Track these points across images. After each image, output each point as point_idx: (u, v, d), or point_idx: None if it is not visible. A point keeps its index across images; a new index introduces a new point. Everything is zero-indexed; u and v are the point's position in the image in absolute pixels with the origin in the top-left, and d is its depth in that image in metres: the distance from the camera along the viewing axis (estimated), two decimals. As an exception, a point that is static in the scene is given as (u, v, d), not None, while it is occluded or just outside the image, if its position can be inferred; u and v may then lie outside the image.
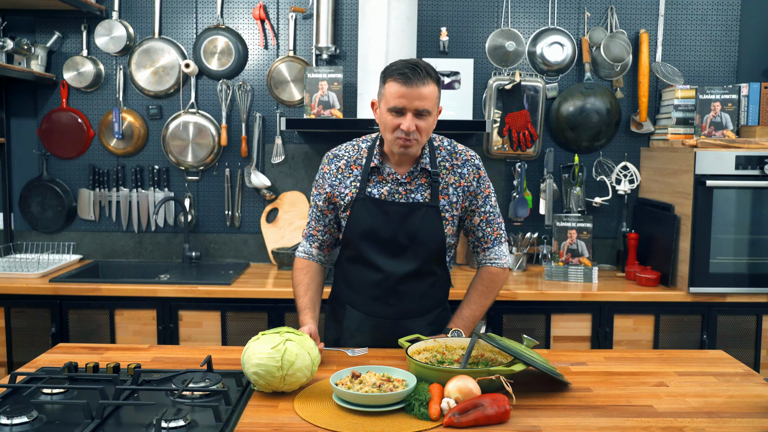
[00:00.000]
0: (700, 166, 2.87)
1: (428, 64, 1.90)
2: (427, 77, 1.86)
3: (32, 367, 1.87)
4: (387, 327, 2.06)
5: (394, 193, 2.00)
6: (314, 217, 2.12)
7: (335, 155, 2.08)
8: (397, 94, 1.85)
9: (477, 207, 2.06)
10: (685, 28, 3.43)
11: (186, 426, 1.46)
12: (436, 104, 1.91)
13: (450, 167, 2.03)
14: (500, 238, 2.11)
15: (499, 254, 2.11)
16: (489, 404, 1.50)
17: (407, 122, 1.86)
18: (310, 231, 2.13)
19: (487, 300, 2.11)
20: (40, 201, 3.45)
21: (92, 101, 3.46)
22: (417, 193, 2.00)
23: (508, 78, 3.35)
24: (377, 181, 2.01)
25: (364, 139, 2.09)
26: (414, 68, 1.84)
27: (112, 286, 2.92)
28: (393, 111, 1.88)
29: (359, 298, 2.08)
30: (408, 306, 2.05)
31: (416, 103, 1.85)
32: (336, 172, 2.05)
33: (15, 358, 2.96)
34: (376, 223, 1.99)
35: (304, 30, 3.41)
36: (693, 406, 1.64)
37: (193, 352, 2.03)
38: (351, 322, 2.10)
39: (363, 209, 2.00)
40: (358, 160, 2.04)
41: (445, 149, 2.05)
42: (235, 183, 3.48)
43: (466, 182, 2.03)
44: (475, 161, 2.06)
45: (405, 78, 1.84)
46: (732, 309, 2.94)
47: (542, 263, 3.39)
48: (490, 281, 2.11)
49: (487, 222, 2.08)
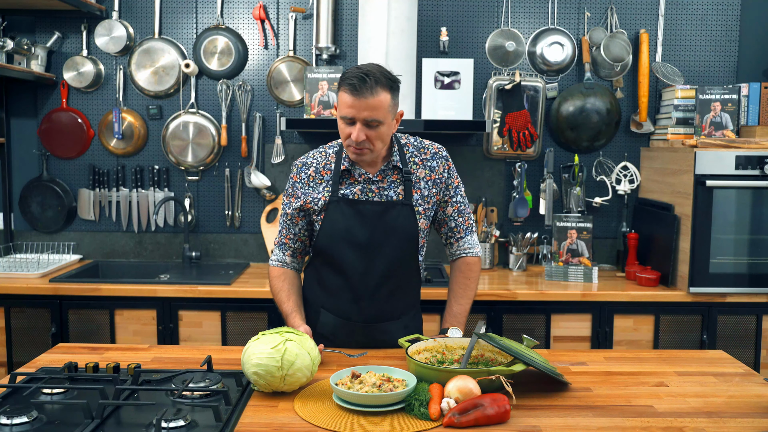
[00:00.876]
0: (700, 166, 2.87)
1: (381, 72, 1.88)
2: (377, 86, 1.84)
3: (32, 367, 1.87)
4: (362, 330, 2.06)
5: (367, 192, 2.01)
6: (285, 225, 2.11)
7: (303, 163, 2.08)
8: (346, 104, 1.87)
9: (449, 197, 2.10)
10: (685, 28, 3.43)
11: (186, 426, 1.46)
12: (389, 112, 1.89)
13: (420, 162, 2.05)
14: (471, 227, 2.16)
15: (473, 243, 2.16)
16: (489, 404, 1.50)
17: (356, 132, 1.87)
18: (282, 239, 2.12)
19: (471, 291, 2.14)
20: (40, 201, 3.45)
21: (92, 101, 3.46)
22: (390, 190, 2.01)
23: (508, 78, 3.35)
24: (349, 182, 2.02)
25: (330, 145, 2.10)
26: (363, 78, 1.83)
27: (112, 286, 2.92)
28: (344, 119, 1.89)
29: (333, 301, 2.07)
30: (383, 308, 2.05)
31: (364, 113, 1.85)
32: (307, 180, 2.05)
33: (15, 358, 2.96)
34: (351, 224, 1.99)
35: (304, 30, 3.41)
36: (693, 406, 1.64)
37: (193, 352, 2.03)
38: (325, 327, 2.09)
39: (337, 211, 2.00)
40: (327, 165, 2.05)
41: (412, 145, 2.08)
42: (235, 183, 3.48)
43: (437, 174, 2.06)
44: (442, 153, 2.10)
45: (353, 88, 1.84)
46: (732, 309, 2.94)
47: (542, 263, 3.39)
48: (469, 271, 2.14)
49: (459, 212, 2.12)
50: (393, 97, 1.90)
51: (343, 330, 2.07)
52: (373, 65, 1.91)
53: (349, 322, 2.06)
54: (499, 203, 3.47)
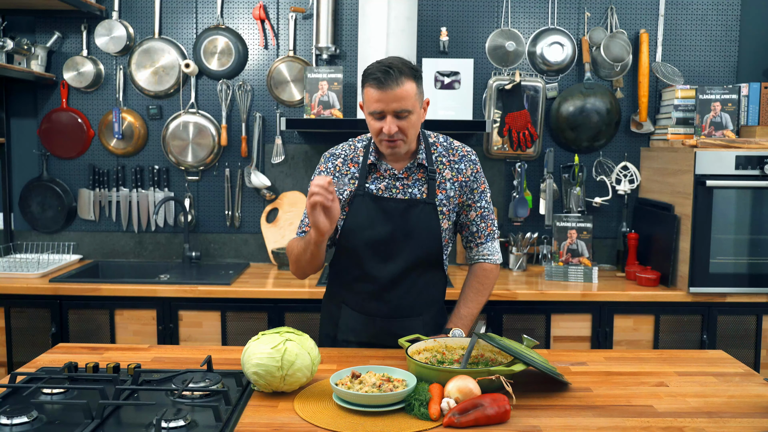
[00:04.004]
0: (700, 166, 2.87)
1: (403, 62, 1.89)
2: (401, 77, 1.85)
3: (32, 367, 1.87)
4: (383, 325, 2.06)
5: (391, 188, 2.01)
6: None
7: (332, 154, 2.10)
8: (374, 98, 1.87)
9: (474, 201, 2.08)
10: (685, 28, 3.43)
11: (186, 426, 1.46)
12: (416, 101, 1.90)
13: (447, 162, 2.05)
14: (493, 234, 2.15)
15: (492, 250, 2.14)
16: (489, 404, 1.50)
17: (387, 125, 1.87)
18: (303, 228, 2.10)
19: (483, 297, 2.12)
20: (40, 201, 3.45)
21: (92, 101, 3.46)
22: (414, 188, 2.02)
23: (508, 78, 3.35)
24: (375, 177, 2.03)
25: (359, 139, 2.11)
26: (387, 71, 1.84)
27: (112, 286, 2.92)
28: (373, 115, 1.90)
29: (354, 296, 2.08)
30: (404, 304, 2.05)
31: (393, 105, 1.86)
32: (334, 170, 2.06)
33: (15, 358, 2.96)
34: (374, 219, 2.00)
35: (304, 30, 3.41)
36: (693, 406, 1.64)
37: (193, 352, 2.03)
38: (346, 321, 2.10)
39: (362, 205, 2.01)
40: (355, 158, 2.06)
41: (441, 145, 2.07)
42: (235, 183, 3.48)
43: (463, 177, 2.05)
44: (471, 157, 2.08)
45: (378, 82, 1.84)
46: (732, 309, 2.94)
47: (542, 263, 3.39)
48: (484, 277, 2.13)
49: (482, 217, 2.11)
50: (418, 85, 1.91)
51: (364, 325, 2.08)
52: (392, 58, 1.92)
53: (370, 318, 2.06)
54: (499, 203, 3.47)
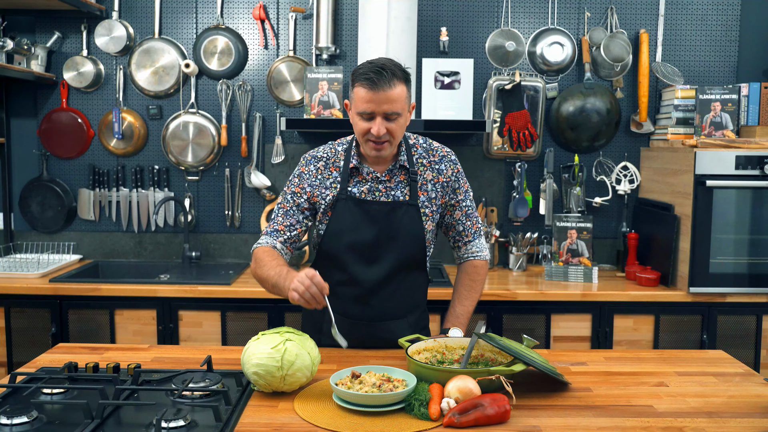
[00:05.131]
0: (700, 166, 2.87)
1: (395, 64, 1.88)
2: (394, 79, 1.84)
3: (32, 367, 1.87)
4: (367, 329, 2.05)
5: (374, 191, 2.01)
6: (283, 212, 2.04)
7: (313, 156, 2.07)
8: (364, 98, 1.85)
9: (457, 201, 2.09)
10: (685, 28, 3.43)
11: (186, 426, 1.46)
12: (406, 104, 1.90)
13: (427, 164, 2.05)
14: (479, 231, 2.16)
15: (480, 247, 2.16)
16: (489, 404, 1.50)
17: (377, 127, 1.86)
18: (276, 227, 2.04)
19: (476, 293, 2.13)
20: (40, 201, 3.45)
21: (92, 101, 3.46)
22: (396, 190, 2.01)
23: (508, 78, 3.35)
24: (357, 180, 2.02)
25: (339, 142, 2.09)
26: (380, 71, 1.83)
27: (112, 286, 2.92)
28: (362, 115, 1.88)
29: (337, 300, 2.05)
30: (388, 307, 2.05)
31: (384, 106, 1.85)
32: (316, 173, 2.04)
33: (15, 358, 2.96)
34: (358, 223, 1.99)
35: (304, 30, 3.41)
36: (693, 406, 1.64)
37: (193, 352, 2.03)
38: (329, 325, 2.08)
39: (345, 209, 2.00)
40: (336, 162, 2.04)
41: (421, 147, 2.07)
42: (235, 183, 3.48)
43: (445, 177, 2.05)
44: (451, 157, 2.09)
45: (371, 83, 1.83)
46: (732, 309, 2.94)
47: (542, 263, 3.39)
48: (476, 274, 2.14)
49: (467, 216, 2.12)
50: (408, 88, 1.91)
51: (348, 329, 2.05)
52: (384, 59, 1.91)
53: (354, 321, 2.05)
54: (499, 203, 3.47)
